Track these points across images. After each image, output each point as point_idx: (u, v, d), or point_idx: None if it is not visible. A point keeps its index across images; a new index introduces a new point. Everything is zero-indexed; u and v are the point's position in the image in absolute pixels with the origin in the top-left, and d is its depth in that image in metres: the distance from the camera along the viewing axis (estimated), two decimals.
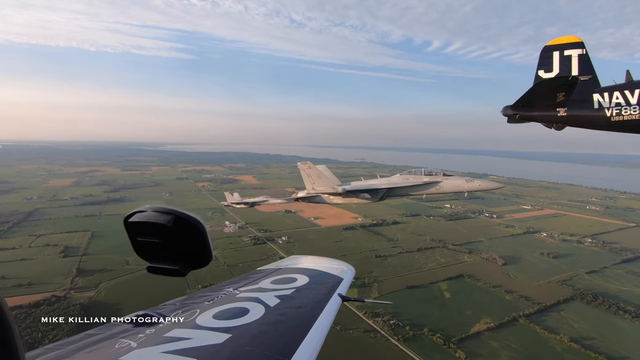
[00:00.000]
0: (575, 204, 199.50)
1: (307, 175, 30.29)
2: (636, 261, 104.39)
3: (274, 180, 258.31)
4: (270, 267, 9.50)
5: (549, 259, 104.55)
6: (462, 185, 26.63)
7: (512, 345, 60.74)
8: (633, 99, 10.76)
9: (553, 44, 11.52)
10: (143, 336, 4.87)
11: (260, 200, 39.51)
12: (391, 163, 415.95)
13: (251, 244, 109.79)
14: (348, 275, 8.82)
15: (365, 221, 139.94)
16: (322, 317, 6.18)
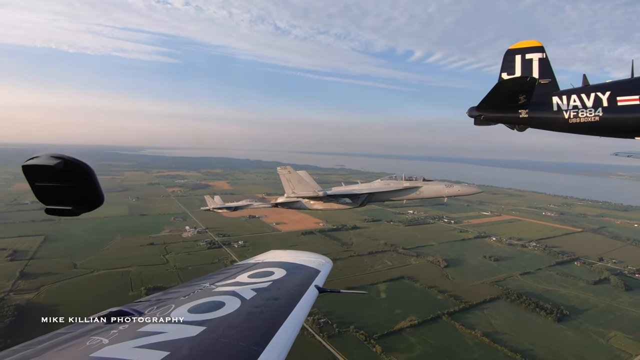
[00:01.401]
0: (533, 210, 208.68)
1: (287, 180, 29.75)
2: (569, 263, 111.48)
3: (248, 186, 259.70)
4: (248, 262, 9.62)
5: (490, 261, 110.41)
6: (441, 190, 26.96)
7: (428, 340, 65.06)
8: (589, 102, 11.20)
9: (515, 48, 12.06)
10: (116, 332, 4.89)
11: (243, 204, 39.51)
12: (370, 170, 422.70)
13: (206, 248, 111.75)
14: (325, 268, 9.03)
15: (326, 226, 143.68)
16: (298, 308, 6.31)
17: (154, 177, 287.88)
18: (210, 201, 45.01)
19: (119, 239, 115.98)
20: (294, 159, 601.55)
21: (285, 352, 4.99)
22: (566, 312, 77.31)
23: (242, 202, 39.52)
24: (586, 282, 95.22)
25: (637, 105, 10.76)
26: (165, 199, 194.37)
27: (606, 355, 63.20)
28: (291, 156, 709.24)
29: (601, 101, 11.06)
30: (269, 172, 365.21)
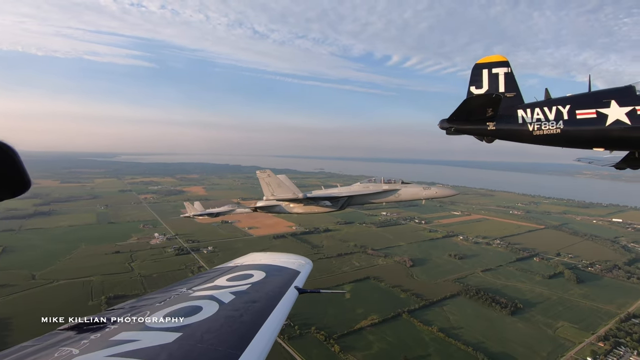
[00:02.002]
0: (501, 209, 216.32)
1: (266, 184, 29.48)
2: (529, 259, 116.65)
3: (224, 191, 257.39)
4: (227, 265, 9.53)
5: (454, 260, 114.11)
6: (419, 192, 27.25)
7: (387, 338, 66.99)
8: (551, 115, 11.58)
9: (482, 62, 12.45)
10: (87, 342, 4.75)
11: (224, 210, 39.10)
12: (349, 173, 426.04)
13: (174, 255, 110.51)
14: (305, 269, 9.01)
15: (299, 230, 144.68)
16: (278, 310, 6.26)
17: (126, 183, 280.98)
18: (190, 208, 44.76)
19: (83, 248, 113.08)
20: (273, 163, 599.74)
21: (265, 354, 4.98)
22: (520, 306, 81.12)
23: (224, 208, 39.64)
24: (542, 277, 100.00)
25: (594, 118, 11.32)
26: (136, 206, 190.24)
27: (552, 344, 66.81)
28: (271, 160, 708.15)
29: (562, 114, 11.52)
30: (247, 177, 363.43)
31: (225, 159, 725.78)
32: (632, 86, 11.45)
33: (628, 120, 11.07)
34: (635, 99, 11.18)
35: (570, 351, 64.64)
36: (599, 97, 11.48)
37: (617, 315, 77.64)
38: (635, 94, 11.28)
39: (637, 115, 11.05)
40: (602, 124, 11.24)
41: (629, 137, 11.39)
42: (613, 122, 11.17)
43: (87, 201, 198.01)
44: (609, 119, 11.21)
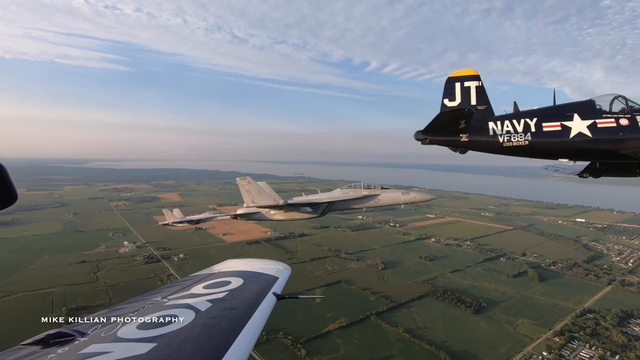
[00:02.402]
0: (474, 211, 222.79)
1: (246, 191, 29.11)
2: (496, 259, 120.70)
3: (200, 198, 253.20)
4: (203, 273, 9.30)
5: (425, 261, 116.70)
6: (398, 197, 27.57)
7: (354, 340, 67.83)
8: (519, 127, 12.05)
9: (455, 76, 12.82)
10: (54, 356, 4.53)
11: (205, 217, 38.65)
12: (328, 177, 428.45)
13: (143, 263, 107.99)
14: (284, 274, 8.93)
15: (274, 235, 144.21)
16: (256, 317, 6.17)
17: (97, 191, 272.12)
18: (168, 215, 44.23)
19: (46, 259, 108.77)
20: (253, 168, 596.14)
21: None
22: (484, 305, 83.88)
23: (204, 215, 39.28)
24: (507, 276, 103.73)
25: (558, 130, 11.88)
26: (106, 214, 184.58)
27: (511, 341, 69.40)
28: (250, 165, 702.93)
29: (530, 127, 12.00)
30: (225, 183, 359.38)
31: (204, 164, 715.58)
32: (592, 100, 12.20)
33: (589, 132, 11.74)
34: (595, 113, 11.89)
35: (528, 347, 67.32)
36: (563, 110, 12.15)
37: (574, 311, 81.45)
38: (595, 108, 12.01)
39: (597, 128, 11.72)
40: (566, 136, 11.84)
41: (590, 149, 12.03)
42: (576, 135, 11.80)
43: (55, 209, 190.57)
44: (572, 131, 11.83)
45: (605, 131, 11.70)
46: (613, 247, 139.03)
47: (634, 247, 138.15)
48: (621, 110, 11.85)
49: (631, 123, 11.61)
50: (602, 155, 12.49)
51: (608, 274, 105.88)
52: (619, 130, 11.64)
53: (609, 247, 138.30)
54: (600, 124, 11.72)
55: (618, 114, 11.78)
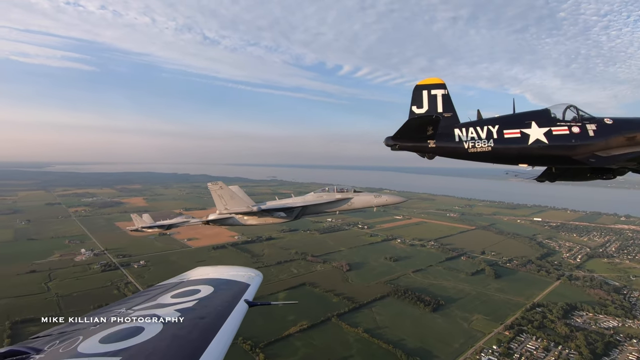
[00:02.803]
0: (440, 212, 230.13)
1: (218, 197, 28.50)
2: (457, 258, 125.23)
3: (167, 202, 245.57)
4: (171, 281, 9.03)
5: (389, 262, 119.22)
6: (371, 200, 27.54)
7: (313, 342, 68.25)
8: (482, 134, 12.56)
9: (422, 84, 13.15)
10: None
11: (178, 222, 37.25)
12: (301, 180, 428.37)
13: (100, 271, 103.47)
14: (255, 281, 8.77)
15: (241, 239, 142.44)
16: (227, 325, 6.03)
17: (55, 196, 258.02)
18: (137, 220, 43.01)
19: None
20: (224, 171, 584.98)
21: None
22: (442, 302, 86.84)
23: (176, 220, 37.92)
24: (466, 274, 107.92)
25: (518, 137, 12.46)
26: (63, 220, 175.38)
27: (465, 336, 72.29)
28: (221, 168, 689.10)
29: (492, 134, 12.52)
30: (194, 186, 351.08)
31: (173, 167, 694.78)
32: (547, 109, 12.98)
33: (546, 139, 12.45)
34: (551, 121, 12.65)
35: (480, 341, 70.37)
36: (522, 118, 12.79)
37: (524, 306, 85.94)
38: (551, 116, 12.78)
39: (552, 135, 12.47)
40: (525, 143, 12.48)
41: (547, 155, 12.79)
42: (534, 141, 12.46)
43: (6, 216, 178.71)
44: (531, 138, 12.48)
45: (560, 138, 12.50)
46: (564, 244, 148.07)
47: (582, 244, 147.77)
48: (573, 119, 12.75)
49: (582, 131, 12.53)
50: (557, 160, 13.34)
51: (558, 270, 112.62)
52: (572, 137, 12.50)
53: (560, 245, 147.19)
54: (555, 131, 12.52)
55: (570, 122, 12.67)
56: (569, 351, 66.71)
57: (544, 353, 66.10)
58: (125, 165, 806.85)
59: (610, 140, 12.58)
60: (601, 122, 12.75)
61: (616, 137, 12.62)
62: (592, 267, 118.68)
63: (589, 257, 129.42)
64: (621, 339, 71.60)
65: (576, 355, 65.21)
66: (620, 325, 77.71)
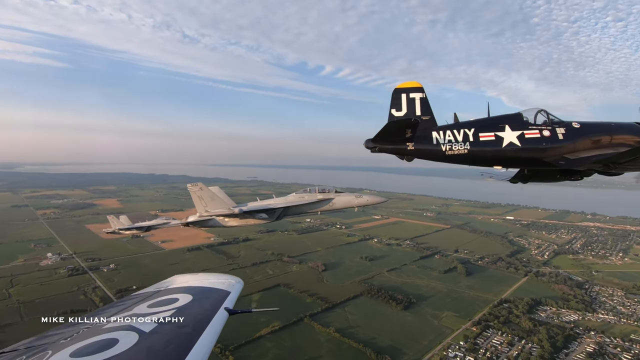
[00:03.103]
0: (417, 212, 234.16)
1: (198, 198, 28.22)
2: (431, 257, 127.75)
3: (142, 204, 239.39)
4: (148, 290, 8.80)
5: (365, 261, 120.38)
6: (352, 201, 27.77)
7: (284, 343, 68.14)
8: (459, 136, 12.89)
9: (401, 87, 13.44)
10: None
11: (158, 223, 36.11)
12: (282, 181, 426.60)
13: (66, 276, 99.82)
14: (236, 288, 8.54)
15: (217, 241, 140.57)
16: (206, 334, 5.83)
17: (22, 198, 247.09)
18: (114, 222, 41.23)
19: None
20: (204, 172, 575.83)
21: None
22: (414, 301, 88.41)
23: (156, 221, 36.75)
24: (438, 272, 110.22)
25: (493, 140, 12.88)
26: (30, 224, 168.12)
27: (434, 333, 73.87)
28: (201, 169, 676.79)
29: (468, 136, 12.90)
30: (172, 188, 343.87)
31: (152, 168, 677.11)
32: (520, 113, 13.41)
33: (519, 142, 12.87)
34: (523, 124, 13.09)
35: (448, 337, 72.09)
36: (496, 122, 13.21)
37: (492, 302, 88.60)
38: (523, 120, 13.21)
39: (525, 138, 12.90)
40: (500, 146, 12.89)
41: (519, 157, 13.23)
42: (508, 144, 12.88)
43: None
44: (505, 141, 12.90)
45: (532, 141, 12.93)
46: (534, 241, 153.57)
47: (550, 241, 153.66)
48: (544, 123, 13.21)
49: (552, 134, 13.02)
50: (529, 163, 13.77)
51: (526, 267, 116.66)
52: (543, 140, 12.98)
53: (530, 242, 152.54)
54: (527, 134, 12.97)
55: (541, 126, 13.13)
56: (531, 345, 69.23)
57: (507, 347, 68.34)
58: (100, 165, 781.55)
59: (578, 143, 13.15)
60: (570, 126, 13.32)
61: (583, 140, 13.20)
62: (558, 263, 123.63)
63: (556, 253, 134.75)
64: (580, 332, 75.00)
65: (538, 349, 67.74)
66: (580, 319, 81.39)
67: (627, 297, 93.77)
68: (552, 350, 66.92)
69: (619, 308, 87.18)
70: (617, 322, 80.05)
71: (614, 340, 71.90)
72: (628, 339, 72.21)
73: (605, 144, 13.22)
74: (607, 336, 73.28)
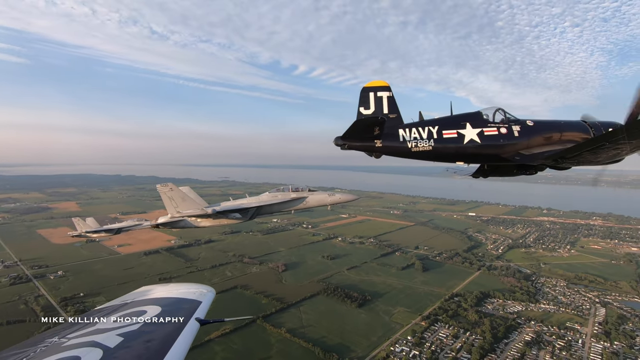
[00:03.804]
0: (385, 210, 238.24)
1: (168, 199, 27.56)
2: (391, 254, 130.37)
3: (103, 206, 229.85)
4: (113, 304, 8.43)
5: (327, 260, 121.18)
6: (325, 199, 28.04)
7: (233, 346, 67.40)
8: (424, 134, 13.33)
9: (369, 86, 13.61)
10: None
11: (129, 225, 34.99)
12: (254, 181, 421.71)
13: (8, 285, 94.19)
14: (208, 298, 8.42)
15: (178, 243, 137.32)
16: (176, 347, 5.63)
17: None
18: (80, 224, 39.47)
19: None
20: (173, 172, 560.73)
21: None
22: (369, 298, 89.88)
23: (126, 223, 35.42)
24: (396, 269, 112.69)
25: (455, 137, 13.38)
26: None
27: (384, 329, 75.35)
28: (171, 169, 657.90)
29: (432, 134, 13.35)
30: (139, 189, 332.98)
31: (118, 169, 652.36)
32: (480, 112, 14.00)
33: (478, 139, 13.48)
34: (483, 122, 13.69)
35: (397, 333, 73.80)
36: (458, 120, 13.73)
37: (444, 296, 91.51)
38: (483, 118, 13.80)
39: (484, 135, 13.54)
40: (461, 142, 13.44)
41: (479, 153, 13.88)
42: (469, 141, 13.46)
43: None
44: (466, 138, 13.46)
45: (490, 138, 13.60)
46: (491, 236, 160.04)
47: (506, 236, 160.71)
48: (501, 121, 13.88)
49: (508, 132, 13.75)
50: (488, 158, 14.49)
51: (480, 261, 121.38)
52: (500, 137, 13.68)
53: (487, 237, 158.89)
54: (487, 132, 13.63)
55: (499, 124, 13.82)
56: (475, 336, 72.11)
57: (452, 340, 70.83)
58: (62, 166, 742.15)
59: (531, 140, 13.97)
60: (524, 124, 14.08)
61: (536, 138, 14.03)
62: (511, 257, 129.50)
63: (510, 247, 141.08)
64: (522, 322, 78.88)
65: (480, 340, 70.62)
66: (523, 310, 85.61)
67: (568, 287, 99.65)
68: (492, 341, 69.96)
69: (560, 298, 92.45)
70: (556, 311, 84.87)
71: (551, 328, 76.15)
72: (564, 327, 76.78)
73: (556, 141, 14.16)
74: (545, 325, 77.48)
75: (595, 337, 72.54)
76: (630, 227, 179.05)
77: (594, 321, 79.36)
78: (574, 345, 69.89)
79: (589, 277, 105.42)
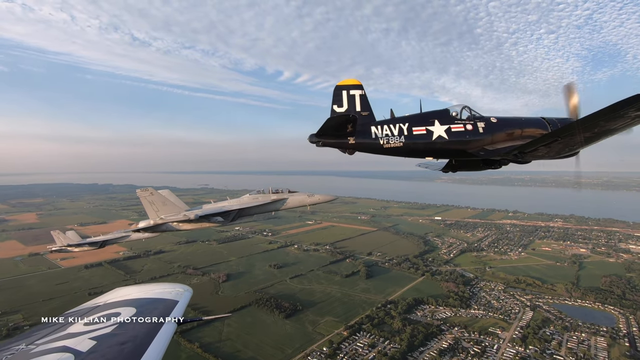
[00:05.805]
0: (353, 215, 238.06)
1: (149, 203, 27.67)
2: (342, 261, 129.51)
3: (64, 217, 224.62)
4: (84, 307, 8.22)
5: (273, 269, 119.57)
6: (305, 200, 28.78)
7: None
8: (395, 131, 13.79)
9: (342, 85, 13.99)
10: None
11: (115, 237, 34.41)
12: (234, 187, 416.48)
13: None
14: (184, 297, 8.51)
15: (126, 254, 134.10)
16: (153, 347, 5.61)
17: None
18: (60, 238, 38.44)
19: None
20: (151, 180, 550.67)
21: None
22: (299, 308, 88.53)
23: (113, 235, 34.75)
24: (341, 276, 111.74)
25: (424, 134, 14.00)
26: None
27: (302, 340, 73.97)
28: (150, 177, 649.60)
29: (403, 130, 13.90)
30: (110, 198, 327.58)
31: (95, 177, 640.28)
32: (447, 109, 14.63)
33: (446, 135, 14.13)
34: (450, 119, 14.34)
35: (315, 344, 72.48)
36: (427, 117, 14.32)
37: (378, 304, 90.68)
38: (450, 115, 14.44)
39: (452, 132, 14.20)
40: (430, 139, 14.06)
41: (447, 149, 14.48)
42: (437, 137, 14.09)
43: None
44: (434, 134, 14.08)
45: (457, 134, 14.25)
46: (448, 240, 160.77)
47: (464, 240, 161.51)
48: (467, 118, 14.56)
49: (474, 128, 14.42)
50: (455, 153, 15.10)
51: (427, 266, 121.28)
52: (466, 133, 14.35)
53: (444, 241, 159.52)
54: (454, 128, 14.28)
55: (465, 121, 14.48)
56: (392, 345, 71.33)
57: (368, 350, 69.87)
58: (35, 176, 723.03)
59: (495, 135, 14.66)
60: (489, 121, 14.75)
61: (499, 133, 14.75)
62: (460, 261, 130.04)
63: (462, 251, 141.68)
64: (445, 328, 78.46)
65: (395, 349, 69.84)
66: (452, 315, 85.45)
67: (505, 291, 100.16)
68: (406, 350, 69.23)
69: (493, 302, 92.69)
70: (484, 317, 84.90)
71: (472, 334, 75.96)
72: (485, 332, 76.65)
73: (517, 136, 14.88)
74: (467, 331, 77.27)
75: (512, 342, 72.61)
76: (587, 227, 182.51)
77: (517, 325, 79.63)
78: (489, 350, 69.74)
79: (528, 280, 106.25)
